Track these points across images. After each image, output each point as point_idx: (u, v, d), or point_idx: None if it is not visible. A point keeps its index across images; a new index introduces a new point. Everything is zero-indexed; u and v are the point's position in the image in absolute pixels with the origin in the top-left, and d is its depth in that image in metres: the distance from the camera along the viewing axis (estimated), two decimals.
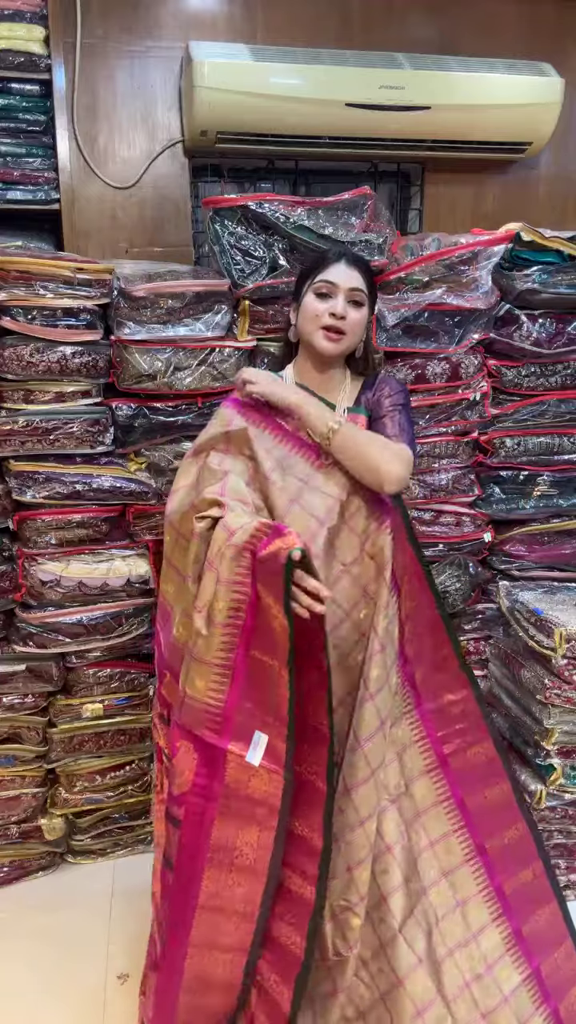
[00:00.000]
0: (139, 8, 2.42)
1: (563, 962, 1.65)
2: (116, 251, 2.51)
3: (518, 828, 1.64)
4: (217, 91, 2.28)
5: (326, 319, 1.58)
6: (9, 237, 2.04)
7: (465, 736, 1.63)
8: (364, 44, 2.55)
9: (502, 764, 1.65)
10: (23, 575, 2.02)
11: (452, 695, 1.62)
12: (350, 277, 1.59)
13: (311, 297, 1.60)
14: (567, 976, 1.65)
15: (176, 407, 2.00)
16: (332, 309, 1.57)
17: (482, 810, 1.61)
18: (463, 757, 1.62)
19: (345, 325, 1.58)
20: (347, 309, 1.58)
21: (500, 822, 1.63)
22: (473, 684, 1.64)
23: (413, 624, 1.59)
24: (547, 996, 1.60)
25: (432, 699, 1.61)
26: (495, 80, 2.48)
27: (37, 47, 2.17)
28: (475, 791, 1.62)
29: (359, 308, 1.61)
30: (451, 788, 1.60)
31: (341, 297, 1.58)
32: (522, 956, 1.59)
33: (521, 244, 2.07)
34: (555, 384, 2.22)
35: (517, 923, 1.60)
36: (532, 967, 1.60)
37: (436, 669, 1.62)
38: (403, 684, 1.58)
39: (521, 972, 1.58)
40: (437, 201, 2.78)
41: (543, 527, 2.33)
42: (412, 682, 1.60)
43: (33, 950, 1.97)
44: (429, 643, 1.61)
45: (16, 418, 1.91)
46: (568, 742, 1.97)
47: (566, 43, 2.75)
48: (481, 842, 1.60)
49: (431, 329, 2.08)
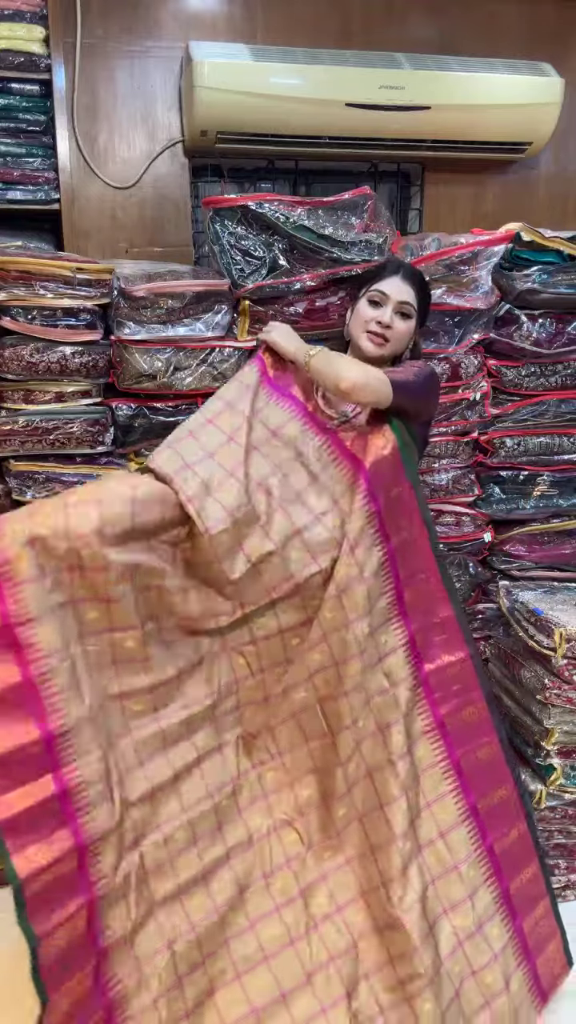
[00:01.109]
0: (139, 8, 2.42)
1: (541, 919, 1.74)
2: (116, 251, 2.51)
3: (506, 788, 1.72)
4: (217, 91, 2.28)
5: (373, 326, 1.75)
6: (9, 237, 2.04)
7: (460, 696, 1.70)
8: (364, 44, 2.55)
9: (492, 722, 1.73)
10: None
11: (450, 656, 1.69)
12: (402, 291, 1.75)
13: (364, 303, 1.78)
14: (544, 934, 1.74)
15: (176, 407, 2.00)
16: (379, 318, 1.74)
17: (474, 770, 1.68)
18: (458, 717, 1.69)
19: (389, 333, 1.74)
20: (394, 319, 1.74)
21: (491, 781, 1.70)
22: (470, 642, 1.72)
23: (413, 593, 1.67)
24: (527, 953, 1.68)
25: (431, 660, 1.68)
26: (495, 80, 2.48)
27: (37, 47, 2.17)
28: (469, 751, 1.69)
29: (406, 320, 1.77)
30: (448, 750, 1.67)
31: (390, 308, 1.74)
32: (508, 915, 1.67)
33: (521, 244, 2.07)
34: (555, 384, 2.22)
35: (506, 883, 1.67)
36: (515, 926, 1.67)
37: (434, 630, 1.69)
38: (408, 646, 1.65)
39: (508, 930, 1.66)
40: (437, 201, 2.78)
41: (543, 527, 2.34)
42: (413, 642, 1.66)
43: None
44: (426, 604, 1.69)
45: (16, 418, 1.91)
46: (568, 742, 1.97)
47: (566, 43, 2.75)
48: (474, 803, 1.67)
49: (431, 329, 2.08)
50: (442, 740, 1.66)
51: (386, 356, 1.78)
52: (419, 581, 1.68)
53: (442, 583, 1.70)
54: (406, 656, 1.64)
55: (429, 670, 1.67)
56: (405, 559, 1.66)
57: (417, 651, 1.66)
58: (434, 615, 1.70)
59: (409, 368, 1.71)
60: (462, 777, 1.66)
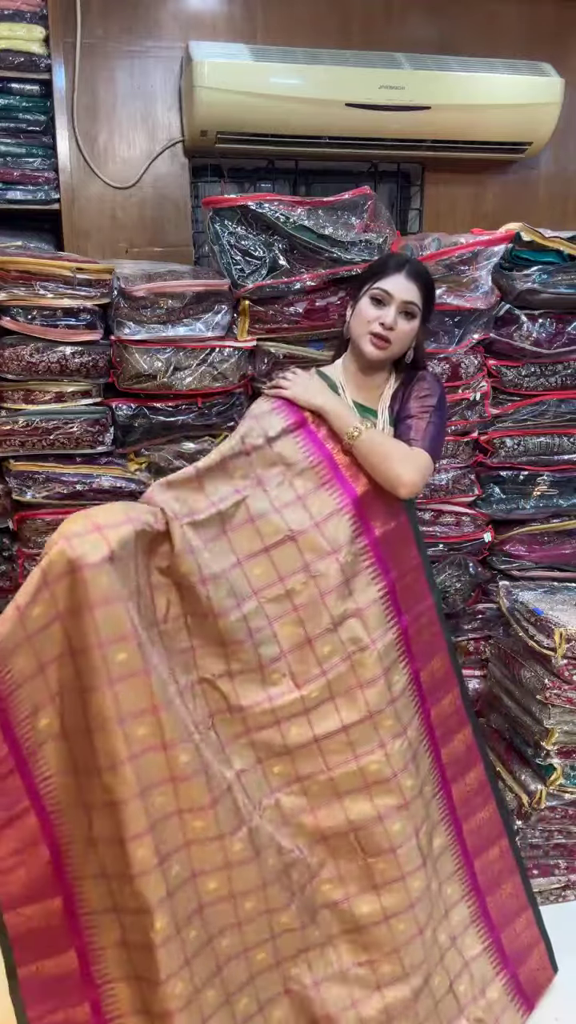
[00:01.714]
0: (139, 8, 2.43)
1: (522, 931, 1.77)
2: (116, 251, 2.51)
3: (489, 808, 1.73)
4: (217, 91, 2.28)
5: (375, 327, 1.63)
6: (9, 237, 2.04)
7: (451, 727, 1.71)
8: (364, 44, 2.55)
9: (479, 749, 1.75)
10: (23, 575, 2.02)
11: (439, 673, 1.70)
12: (407, 289, 1.63)
13: (366, 301, 1.65)
14: (526, 943, 1.76)
15: (176, 407, 2.00)
16: (382, 319, 1.62)
17: (462, 796, 1.70)
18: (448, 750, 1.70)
19: (392, 335, 1.63)
20: (397, 320, 1.63)
21: (476, 804, 1.73)
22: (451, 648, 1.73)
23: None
24: (506, 962, 1.71)
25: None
26: (495, 80, 2.48)
27: (37, 47, 2.17)
28: (458, 777, 1.71)
29: (410, 320, 1.66)
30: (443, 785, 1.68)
31: (394, 307, 1.62)
32: (485, 928, 1.69)
33: (521, 244, 2.07)
34: (555, 384, 2.22)
35: (483, 899, 1.70)
36: (493, 937, 1.70)
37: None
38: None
39: (483, 942, 1.69)
40: (437, 201, 2.78)
41: (543, 527, 2.33)
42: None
43: None
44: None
45: (16, 418, 1.91)
46: (568, 742, 1.97)
47: (566, 43, 2.75)
48: (461, 826, 1.69)
49: (431, 329, 2.08)
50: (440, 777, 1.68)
51: (387, 358, 1.68)
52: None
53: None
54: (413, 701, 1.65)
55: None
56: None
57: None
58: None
59: (420, 418, 1.64)
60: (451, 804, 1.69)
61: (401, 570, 1.63)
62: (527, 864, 2.07)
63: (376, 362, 1.68)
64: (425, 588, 1.68)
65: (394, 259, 1.70)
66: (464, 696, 1.73)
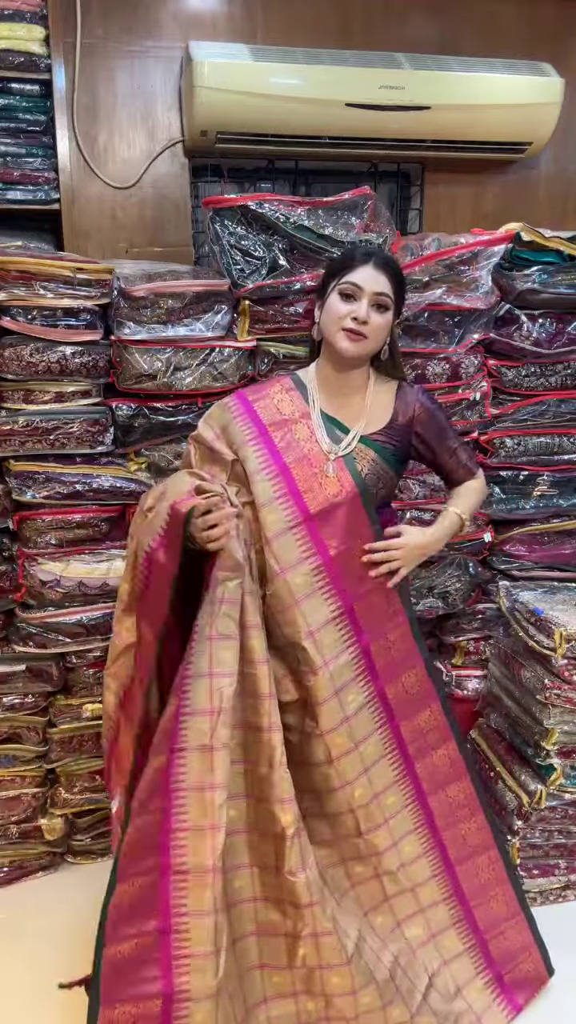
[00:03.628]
0: (139, 8, 2.42)
1: (512, 935, 1.78)
2: (116, 251, 2.51)
3: (476, 820, 1.76)
4: (217, 91, 2.28)
5: (348, 322, 1.57)
6: (9, 237, 2.04)
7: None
8: (364, 44, 2.54)
9: (466, 765, 1.77)
10: (23, 575, 2.02)
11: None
12: (377, 281, 1.58)
13: (336, 297, 1.60)
14: (517, 946, 1.79)
15: (176, 407, 2.00)
16: (355, 313, 1.57)
17: (443, 808, 1.73)
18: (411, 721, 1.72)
19: (367, 329, 1.58)
20: (370, 313, 1.58)
21: (460, 816, 1.75)
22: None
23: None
24: (490, 963, 1.75)
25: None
26: (495, 80, 2.48)
27: (37, 47, 2.17)
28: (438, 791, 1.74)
29: (383, 312, 1.61)
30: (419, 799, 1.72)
31: (365, 301, 1.58)
32: (468, 930, 1.73)
33: (521, 244, 2.07)
34: (555, 384, 2.22)
35: (467, 903, 1.73)
36: (477, 939, 1.73)
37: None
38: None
39: (465, 943, 1.72)
40: (437, 201, 2.78)
41: (543, 527, 2.33)
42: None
43: (33, 950, 1.97)
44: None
45: (16, 418, 1.91)
46: (568, 742, 1.97)
47: (566, 43, 2.74)
48: (440, 835, 1.72)
49: (431, 329, 2.08)
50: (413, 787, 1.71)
51: (364, 354, 1.63)
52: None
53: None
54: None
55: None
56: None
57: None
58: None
59: (457, 445, 1.74)
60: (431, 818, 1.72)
61: (360, 590, 1.63)
62: (528, 864, 2.07)
63: (352, 360, 1.63)
64: (396, 604, 1.68)
65: (359, 250, 1.64)
66: (446, 712, 1.74)
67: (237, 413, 1.66)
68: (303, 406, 1.66)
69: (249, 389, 1.74)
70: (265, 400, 1.67)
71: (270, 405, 1.66)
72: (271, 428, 1.63)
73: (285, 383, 1.71)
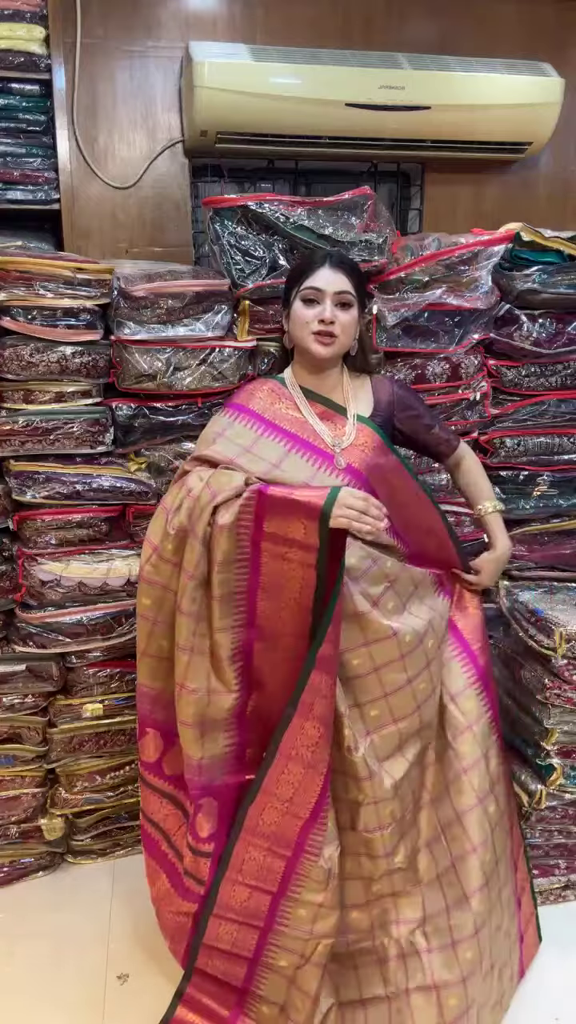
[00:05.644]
0: (139, 8, 2.43)
1: (527, 902, 1.92)
2: (116, 251, 2.51)
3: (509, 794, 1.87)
4: (217, 91, 2.28)
5: (316, 326, 1.61)
6: (9, 237, 2.04)
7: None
8: (364, 44, 2.55)
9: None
10: (23, 575, 2.02)
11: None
12: (335, 280, 1.61)
13: (299, 304, 1.64)
14: (528, 914, 1.91)
15: (176, 407, 2.00)
16: (320, 315, 1.60)
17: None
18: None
19: (335, 328, 1.61)
20: (335, 313, 1.61)
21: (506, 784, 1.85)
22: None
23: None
24: (520, 935, 1.84)
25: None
26: (495, 80, 2.48)
27: (37, 47, 2.17)
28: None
29: (348, 310, 1.64)
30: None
31: (328, 302, 1.61)
32: (512, 887, 1.83)
33: (521, 244, 2.07)
34: (555, 384, 2.22)
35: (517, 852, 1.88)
36: (519, 913, 1.85)
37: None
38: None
39: (514, 900, 1.84)
40: (437, 201, 2.78)
41: (543, 527, 2.33)
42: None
43: (33, 950, 1.97)
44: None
45: (16, 418, 1.91)
46: (568, 742, 1.97)
47: (566, 43, 2.75)
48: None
49: (431, 329, 2.08)
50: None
51: (338, 353, 1.65)
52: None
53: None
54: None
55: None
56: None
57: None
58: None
59: (434, 423, 1.80)
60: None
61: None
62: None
63: (326, 361, 1.66)
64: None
65: (314, 255, 1.68)
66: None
67: (236, 419, 1.67)
68: (291, 397, 1.69)
69: (235, 397, 1.74)
70: (256, 400, 1.70)
71: (264, 401, 1.69)
72: (276, 420, 1.65)
73: (270, 384, 1.72)
